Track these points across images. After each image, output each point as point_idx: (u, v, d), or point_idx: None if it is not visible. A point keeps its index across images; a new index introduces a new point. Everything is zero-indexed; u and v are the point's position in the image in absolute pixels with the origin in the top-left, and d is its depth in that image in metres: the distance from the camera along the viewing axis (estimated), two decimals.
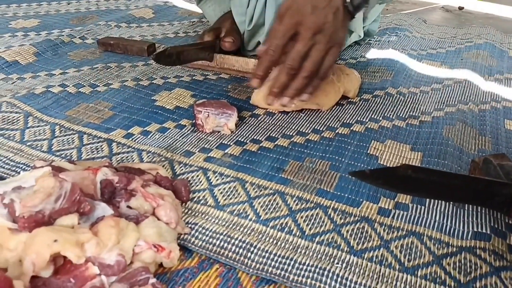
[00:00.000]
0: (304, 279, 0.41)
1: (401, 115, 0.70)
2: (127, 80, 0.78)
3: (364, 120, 0.68)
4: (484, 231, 0.47)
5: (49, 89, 0.73)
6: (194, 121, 0.65)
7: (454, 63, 0.91)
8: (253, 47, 0.87)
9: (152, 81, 0.79)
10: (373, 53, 0.94)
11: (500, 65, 0.91)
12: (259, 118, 0.68)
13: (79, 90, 0.74)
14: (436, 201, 0.51)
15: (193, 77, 0.81)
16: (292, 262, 0.43)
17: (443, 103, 0.74)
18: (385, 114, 0.70)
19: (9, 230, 0.37)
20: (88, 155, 0.59)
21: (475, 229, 0.47)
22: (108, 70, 0.83)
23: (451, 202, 0.50)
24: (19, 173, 0.54)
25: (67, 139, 0.62)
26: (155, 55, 0.68)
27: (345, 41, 0.64)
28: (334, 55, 0.61)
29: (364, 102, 0.74)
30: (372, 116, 0.69)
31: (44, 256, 0.36)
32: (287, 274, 0.42)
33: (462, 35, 1.07)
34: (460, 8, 1.38)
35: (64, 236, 0.37)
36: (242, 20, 0.83)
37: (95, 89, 0.75)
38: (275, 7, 0.80)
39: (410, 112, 0.71)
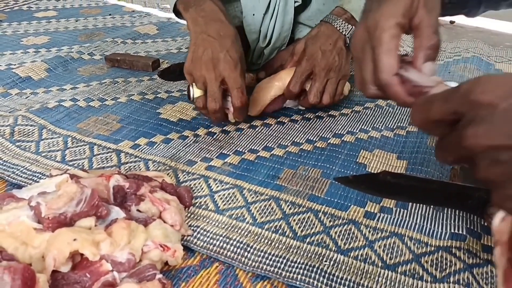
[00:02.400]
0: (295, 275, 0.46)
1: (389, 126, 0.75)
2: (134, 94, 0.84)
3: (354, 130, 0.73)
4: (460, 232, 0.52)
5: (61, 103, 0.79)
6: (196, 132, 0.71)
7: (441, 76, 0.96)
8: (260, 61, 0.93)
9: (157, 95, 0.84)
10: None
11: None
12: (256, 129, 0.73)
13: (89, 104, 0.80)
14: (418, 205, 0.56)
15: None
16: (284, 261, 0.48)
17: None
18: (375, 125, 0.75)
19: (34, 230, 0.42)
20: (99, 164, 0.64)
21: (452, 230, 0.52)
22: (116, 85, 0.88)
23: (431, 206, 0.55)
24: (35, 181, 0.59)
25: (79, 150, 0.67)
26: (160, 72, 0.73)
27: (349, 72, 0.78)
28: (342, 85, 0.75)
29: (355, 114, 0.79)
30: (362, 127, 0.74)
31: (64, 253, 0.41)
32: (279, 271, 0.47)
33: (451, 49, 1.12)
34: (452, 22, 1.43)
35: (82, 236, 0.42)
36: (255, 38, 0.89)
37: (103, 103, 0.80)
38: (281, 23, 0.86)
39: (398, 123, 0.76)
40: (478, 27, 1.39)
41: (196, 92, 0.67)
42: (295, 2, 0.87)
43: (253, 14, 0.86)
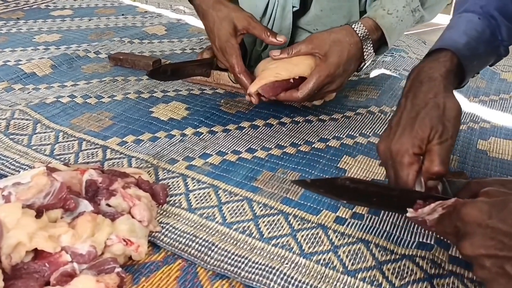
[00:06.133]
0: (253, 276, 0.47)
1: (378, 133, 0.75)
2: (130, 93, 0.86)
3: (341, 136, 0.73)
4: (428, 241, 0.51)
5: (59, 99, 0.81)
6: (183, 131, 0.72)
7: None
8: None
9: (153, 94, 0.86)
10: (365, 73, 0.98)
11: (489, 87, 0.94)
12: (243, 131, 0.74)
13: (86, 100, 0.82)
14: (390, 212, 0.55)
15: (191, 91, 0.87)
16: (246, 261, 0.48)
17: None
18: (363, 131, 0.75)
19: None
20: (84, 159, 0.66)
21: (420, 240, 0.51)
22: (115, 83, 0.90)
23: (392, 212, 0.55)
24: None
25: (68, 144, 0.69)
26: (149, 71, 0.75)
27: None
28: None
29: (345, 119, 0.79)
30: (350, 133, 0.74)
31: (20, 252, 0.43)
32: (239, 271, 0.47)
33: None
34: None
35: (38, 233, 0.43)
36: (251, 41, 0.90)
37: (100, 100, 0.83)
38: (279, 28, 0.87)
39: None
40: None
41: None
42: (293, 7, 0.88)
43: None
